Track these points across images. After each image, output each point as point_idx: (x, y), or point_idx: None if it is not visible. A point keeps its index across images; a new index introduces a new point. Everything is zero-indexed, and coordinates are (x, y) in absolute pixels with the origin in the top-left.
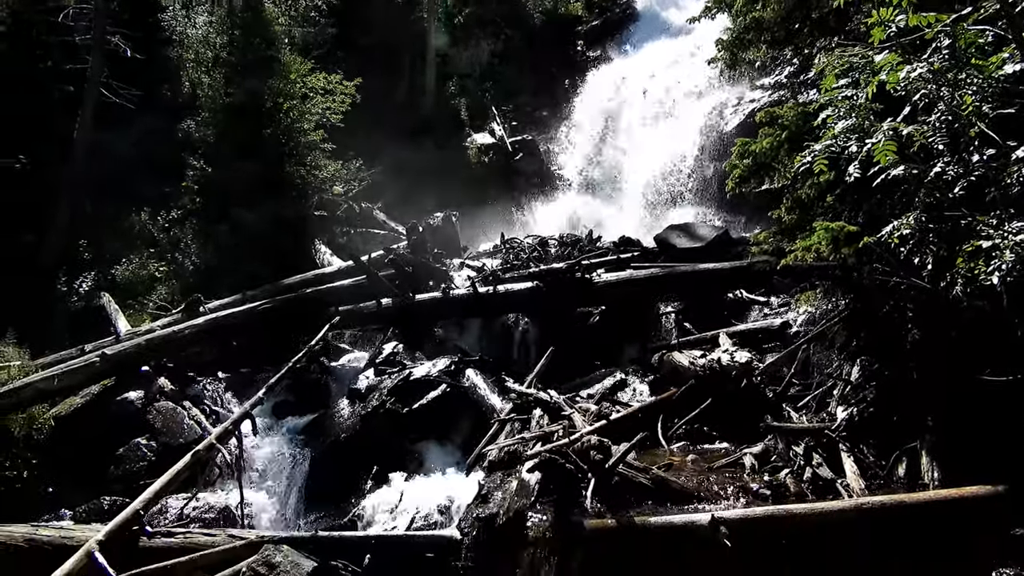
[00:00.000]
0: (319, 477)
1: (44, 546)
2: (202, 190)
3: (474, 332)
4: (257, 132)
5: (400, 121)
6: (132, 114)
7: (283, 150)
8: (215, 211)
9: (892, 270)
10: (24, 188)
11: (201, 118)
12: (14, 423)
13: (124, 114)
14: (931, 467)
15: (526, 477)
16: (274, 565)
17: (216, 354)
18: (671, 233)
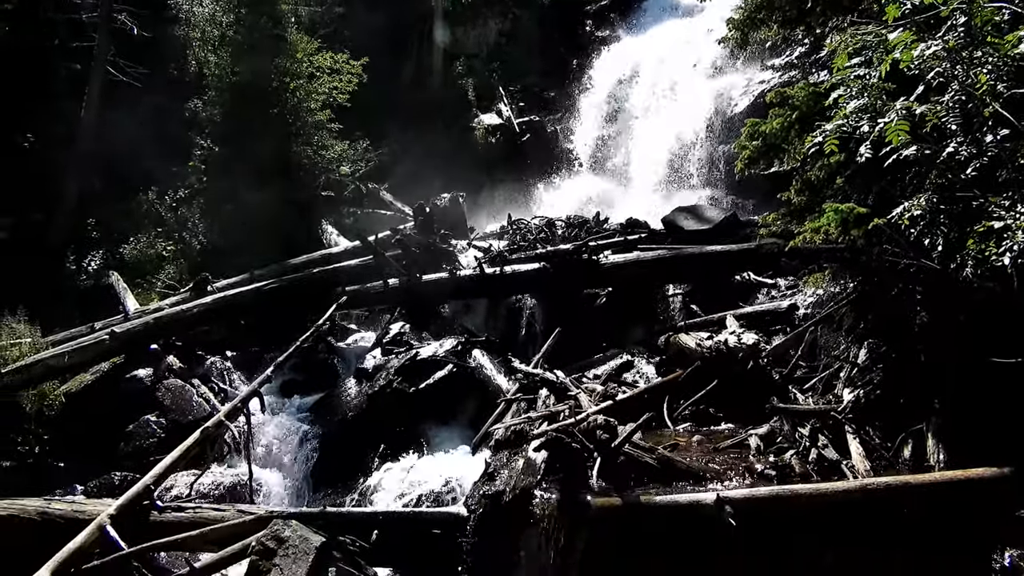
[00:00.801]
0: (326, 455)
1: (57, 519)
2: (209, 170)
3: (481, 313)
4: (264, 112)
5: (407, 101)
6: (139, 93)
7: (290, 130)
8: (222, 191)
9: (902, 251)
10: (32, 167)
11: (208, 97)
12: (26, 399)
13: (131, 93)
14: (937, 449)
15: (532, 456)
16: (283, 539)
17: (224, 333)
18: (679, 215)
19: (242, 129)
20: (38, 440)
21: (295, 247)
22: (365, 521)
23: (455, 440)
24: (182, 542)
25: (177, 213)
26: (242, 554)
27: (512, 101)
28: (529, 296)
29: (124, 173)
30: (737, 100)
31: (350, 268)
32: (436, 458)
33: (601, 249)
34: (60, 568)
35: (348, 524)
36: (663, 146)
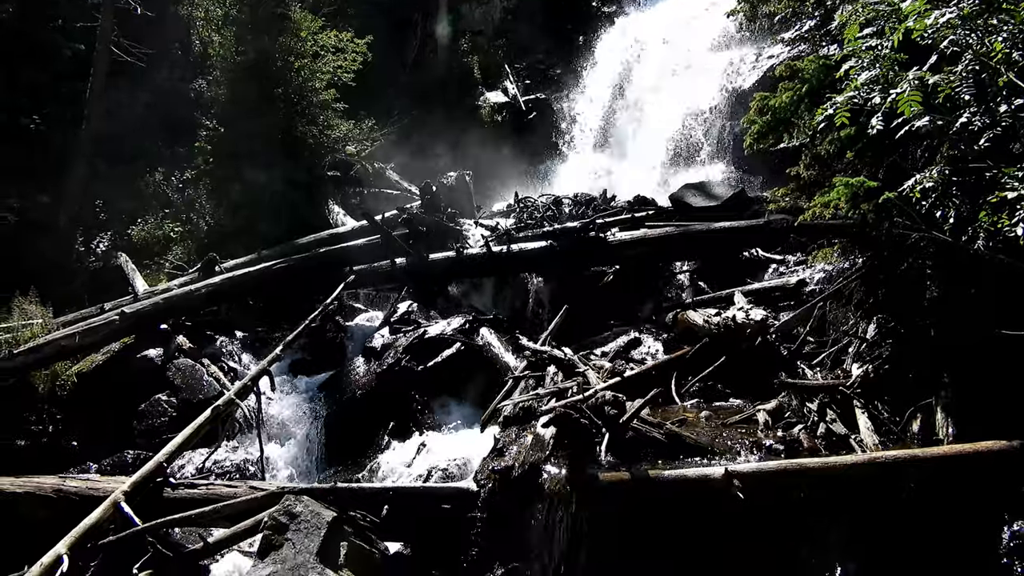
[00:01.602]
0: (336, 433)
1: (72, 496)
2: (215, 150)
3: (488, 291)
4: (269, 91)
5: (412, 80)
6: (144, 73)
7: (295, 109)
8: (228, 171)
9: (913, 224)
10: (38, 149)
11: (212, 77)
12: (39, 379)
13: (136, 73)
14: (946, 423)
15: (541, 432)
16: (295, 514)
17: (233, 313)
18: (686, 192)
19: (247, 109)
20: (52, 420)
21: (302, 227)
22: (375, 496)
23: (464, 417)
24: (195, 518)
25: (184, 194)
26: (255, 529)
27: (518, 78)
28: (536, 274)
29: (131, 154)
30: (746, 75)
31: (357, 247)
32: (445, 435)
33: (608, 227)
34: (76, 543)
35: (359, 499)
36: (671, 123)
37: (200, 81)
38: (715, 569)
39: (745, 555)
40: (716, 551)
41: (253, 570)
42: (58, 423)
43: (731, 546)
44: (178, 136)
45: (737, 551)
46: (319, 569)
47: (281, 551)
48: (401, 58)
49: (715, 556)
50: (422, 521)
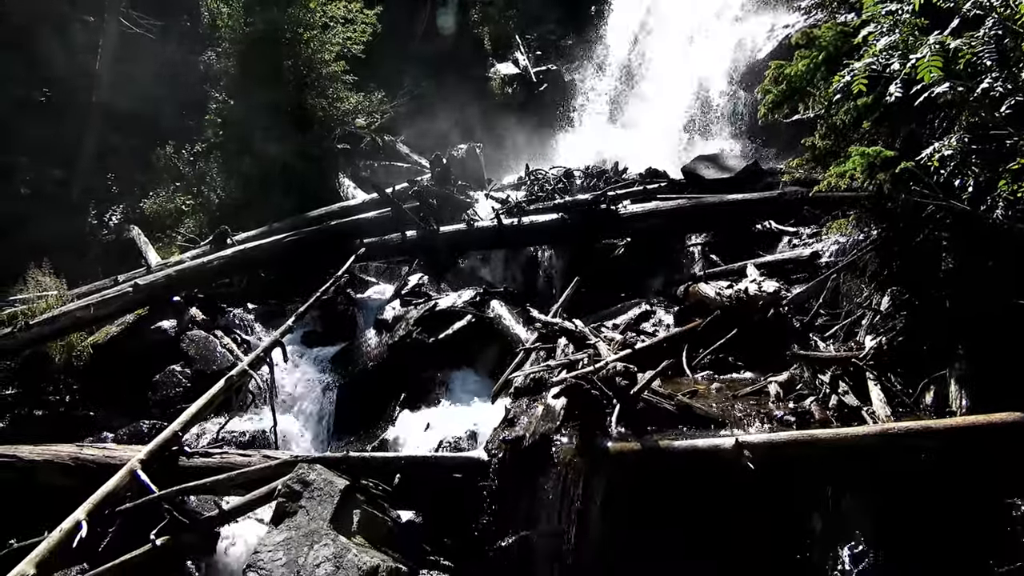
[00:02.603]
0: (348, 404)
1: (89, 464)
2: (225, 123)
3: (499, 264)
4: (278, 63)
5: (421, 51)
6: (153, 46)
7: (304, 82)
8: (239, 144)
9: (931, 193)
10: (49, 122)
11: (222, 49)
12: (54, 350)
13: (145, 45)
14: (960, 395)
15: (552, 403)
16: (308, 482)
17: (245, 286)
18: (699, 164)
19: (257, 81)
20: (68, 390)
21: (312, 200)
22: (387, 466)
23: (474, 389)
24: (211, 486)
25: (195, 167)
26: (269, 497)
27: (528, 50)
28: (547, 247)
29: (141, 127)
30: (761, 45)
31: (368, 220)
32: (456, 406)
33: (620, 199)
34: (94, 509)
35: (371, 469)
36: (684, 94)
37: (209, 53)
38: (724, 538)
39: (754, 524)
40: (725, 520)
41: (268, 536)
42: (74, 393)
43: (740, 515)
44: (188, 109)
45: (746, 520)
46: (332, 536)
47: (295, 518)
48: (411, 29)
49: (724, 525)
50: (434, 490)
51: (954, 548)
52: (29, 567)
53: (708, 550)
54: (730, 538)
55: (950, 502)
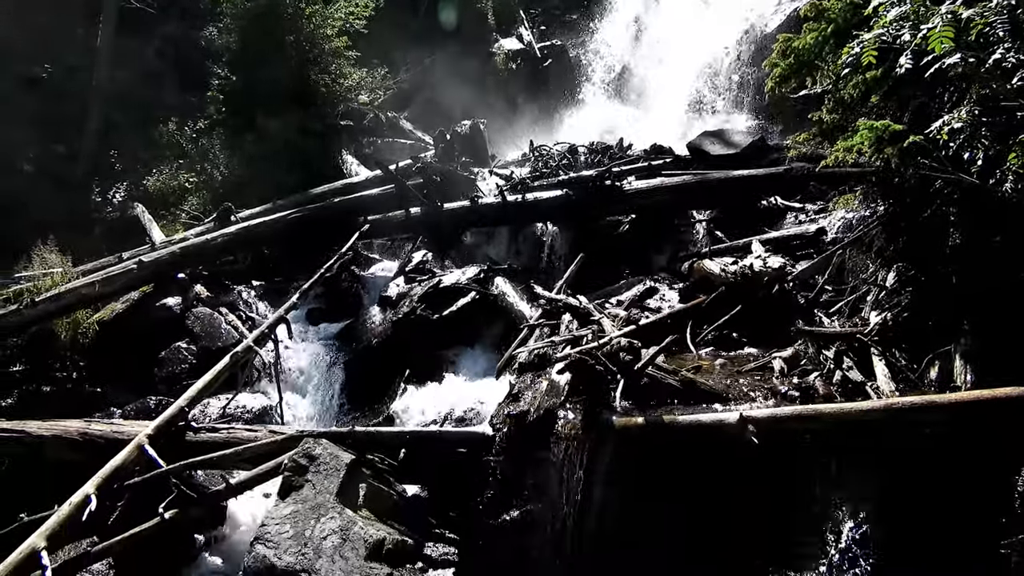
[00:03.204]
0: (353, 380)
1: (97, 439)
2: (227, 100)
3: (503, 241)
4: (280, 38)
5: (424, 27)
6: (154, 21)
7: (307, 57)
8: (241, 121)
9: (939, 167)
10: (51, 98)
11: (223, 24)
12: (61, 327)
13: (146, 21)
14: (964, 370)
15: (556, 378)
16: (314, 457)
17: (249, 263)
18: (704, 140)
19: (259, 57)
20: (75, 367)
21: (315, 177)
22: (393, 440)
23: (478, 365)
24: (217, 460)
25: (198, 144)
26: (275, 471)
27: (533, 24)
28: (551, 223)
29: (143, 104)
30: (768, 19)
31: (371, 197)
32: (460, 382)
33: (625, 175)
34: (103, 483)
35: (376, 443)
36: (690, 69)
37: (211, 28)
38: (726, 511)
39: (756, 499)
40: (727, 494)
41: (275, 509)
42: (81, 370)
43: (742, 489)
44: (190, 85)
45: (748, 495)
46: (339, 509)
47: (302, 491)
48: (413, 4)
49: (726, 499)
50: (439, 464)
51: (957, 523)
52: (40, 540)
53: (710, 523)
54: (732, 512)
55: (954, 477)
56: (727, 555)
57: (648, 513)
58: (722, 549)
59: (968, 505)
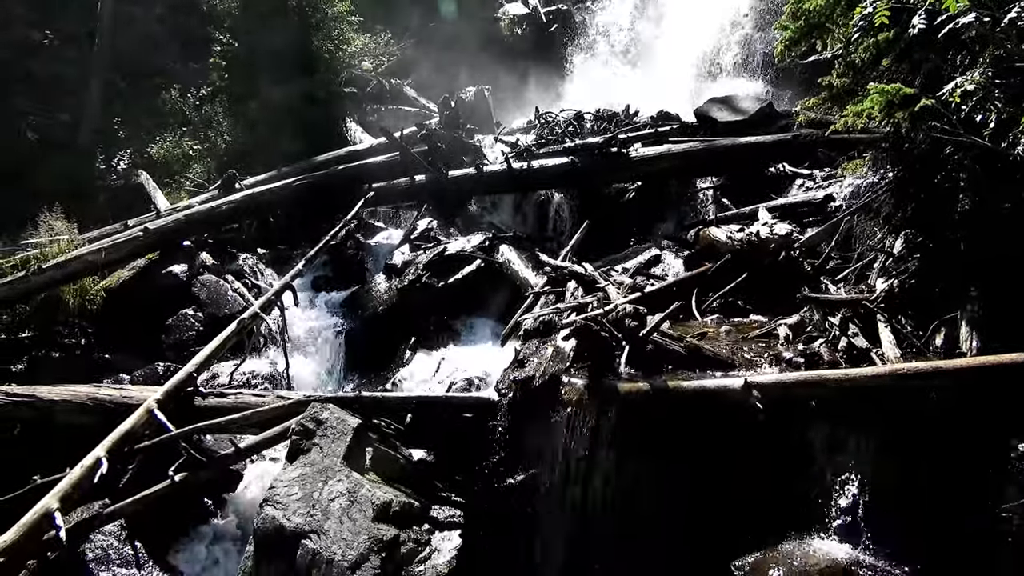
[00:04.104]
0: (358, 347)
1: (107, 404)
2: (230, 66)
3: (508, 208)
4: (282, 3)
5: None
6: None
7: (309, 22)
8: (244, 88)
9: (951, 129)
10: (52, 65)
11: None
12: (68, 294)
13: None
14: (970, 336)
15: (561, 344)
16: (321, 421)
17: (254, 231)
18: (712, 106)
19: (261, 22)
20: (83, 333)
21: (319, 145)
22: (399, 405)
23: (484, 333)
24: (225, 425)
25: (201, 111)
26: (283, 435)
27: None
28: (556, 191)
29: (146, 70)
30: None
31: (376, 165)
32: (466, 349)
33: (631, 142)
34: (114, 447)
35: (383, 408)
36: (698, 34)
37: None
38: (728, 474)
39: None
40: (730, 460)
41: (283, 472)
42: (89, 336)
43: (745, 453)
44: (192, 51)
45: (750, 459)
46: (346, 472)
47: (309, 455)
48: None
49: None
50: (445, 430)
51: (958, 488)
52: (53, 501)
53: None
54: (733, 474)
55: (956, 443)
56: (729, 515)
57: (651, 476)
58: (724, 509)
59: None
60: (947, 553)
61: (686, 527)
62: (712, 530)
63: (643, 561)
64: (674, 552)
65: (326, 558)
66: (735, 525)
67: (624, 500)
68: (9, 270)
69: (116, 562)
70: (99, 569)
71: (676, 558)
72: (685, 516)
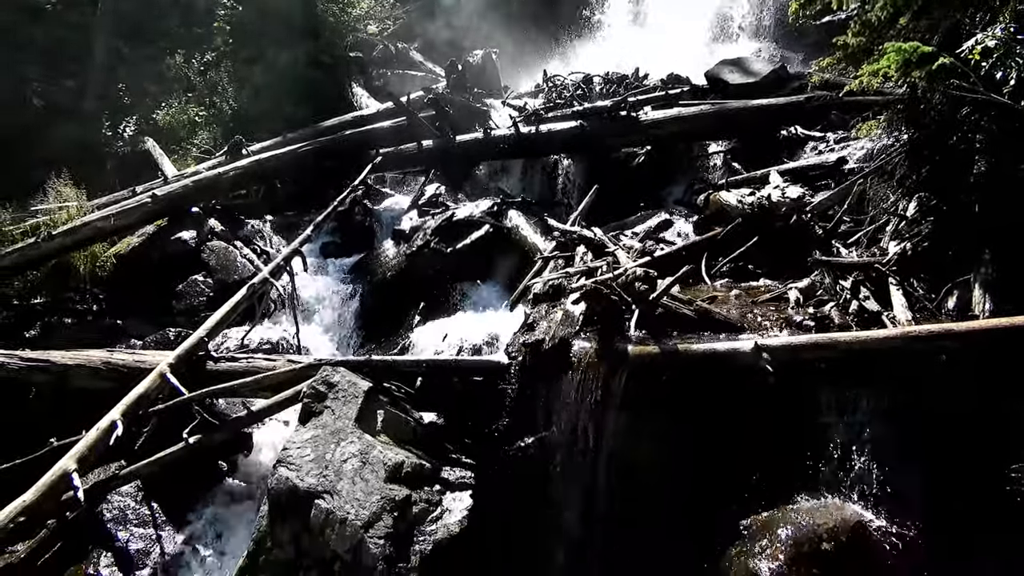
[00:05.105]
0: (368, 313)
1: (120, 368)
2: (234, 31)
3: (516, 173)
4: None
5: None
6: None
7: None
8: (249, 53)
9: (970, 86)
10: (56, 31)
11: None
12: (78, 260)
13: None
14: (983, 299)
15: (571, 308)
16: (333, 384)
17: (262, 198)
18: (723, 68)
19: None
20: (95, 299)
21: (325, 110)
22: (410, 369)
23: (492, 298)
24: (238, 388)
25: (206, 77)
26: (294, 399)
27: None
28: (565, 155)
29: (149, 35)
30: None
31: (383, 130)
32: (475, 315)
33: (640, 105)
34: (128, 410)
35: (393, 372)
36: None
37: None
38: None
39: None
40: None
41: (296, 434)
42: (101, 302)
43: (752, 415)
44: (196, 16)
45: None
46: (358, 433)
47: (321, 417)
48: None
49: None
50: (455, 393)
51: (968, 451)
52: (71, 462)
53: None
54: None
55: (966, 406)
56: (738, 476)
57: (661, 438)
58: (733, 471)
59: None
60: (956, 513)
61: (694, 488)
62: (721, 491)
63: (652, 522)
64: (683, 513)
65: (340, 517)
66: (744, 486)
67: (634, 461)
68: (19, 236)
69: (134, 522)
70: (117, 529)
71: (685, 519)
72: (693, 477)
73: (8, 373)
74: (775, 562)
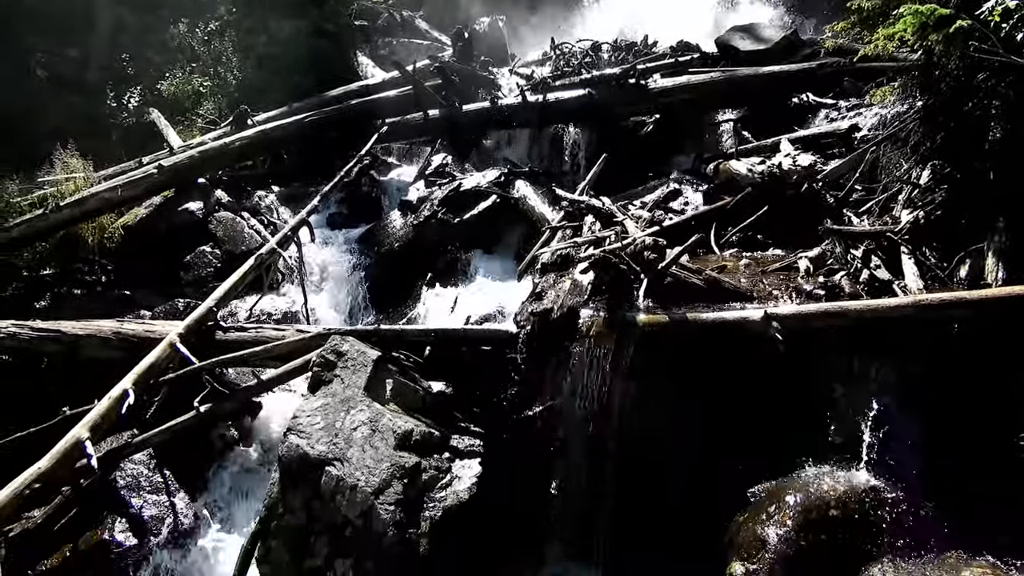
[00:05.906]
0: (375, 283)
1: (130, 338)
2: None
3: (523, 143)
4: None
5: None
6: None
7: None
8: (253, 22)
9: (988, 48)
10: None
11: None
12: (86, 231)
13: None
14: (996, 267)
15: (579, 277)
16: (342, 353)
17: (268, 168)
18: (734, 35)
19: None
20: (103, 270)
21: (330, 80)
22: (418, 338)
23: (500, 268)
24: (247, 358)
25: (210, 46)
26: (304, 368)
27: None
28: (573, 124)
29: (151, 4)
30: None
31: (389, 100)
32: (482, 285)
33: (649, 73)
34: (139, 379)
35: (402, 341)
36: None
37: None
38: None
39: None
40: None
41: (306, 402)
42: (109, 273)
43: (764, 383)
44: None
45: (769, 389)
46: (367, 402)
47: (331, 386)
48: None
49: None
50: (463, 362)
51: (976, 418)
52: (83, 430)
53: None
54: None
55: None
56: (746, 445)
57: (669, 406)
58: (741, 440)
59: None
60: (964, 483)
61: (701, 456)
62: (729, 459)
63: (659, 490)
64: (690, 480)
65: (350, 484)
66: (753, 455)
67: (641, 430)
68: (27, 208)
69: (147, 489)
70: (131, 496)
71: (693, 486)
72: (700, 446)
73: (20, 343)
74: (783, 528)
